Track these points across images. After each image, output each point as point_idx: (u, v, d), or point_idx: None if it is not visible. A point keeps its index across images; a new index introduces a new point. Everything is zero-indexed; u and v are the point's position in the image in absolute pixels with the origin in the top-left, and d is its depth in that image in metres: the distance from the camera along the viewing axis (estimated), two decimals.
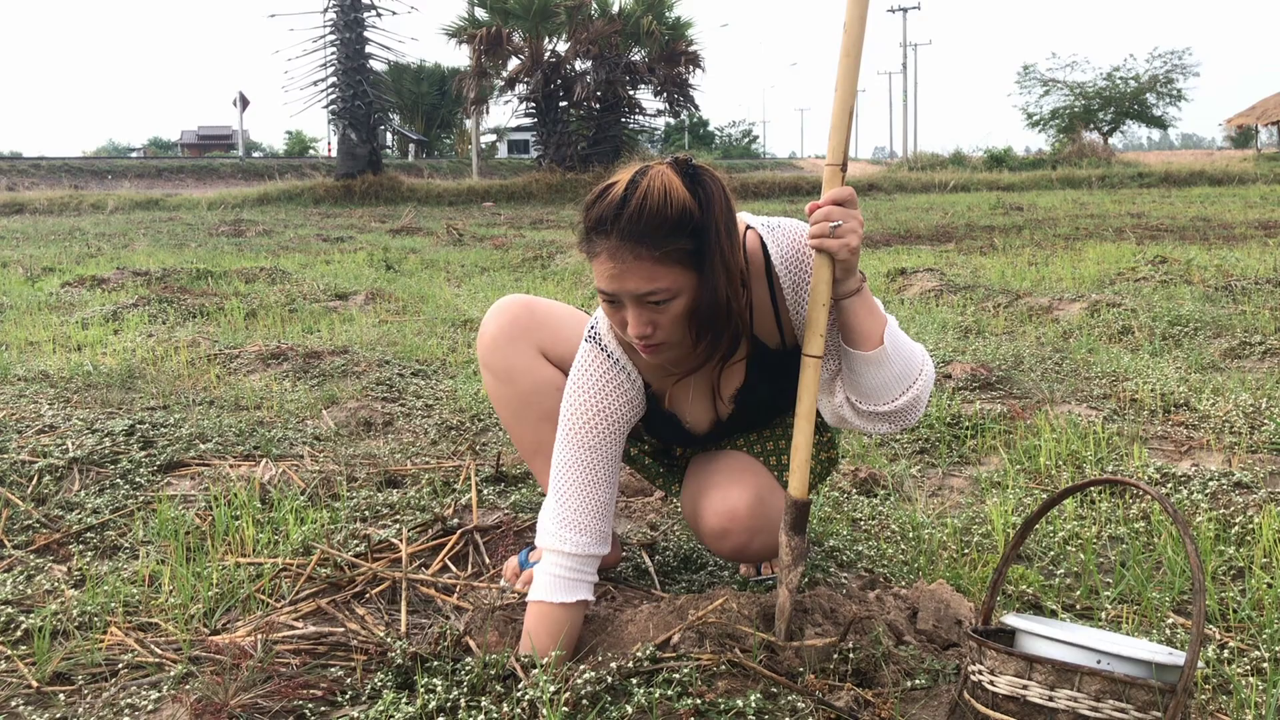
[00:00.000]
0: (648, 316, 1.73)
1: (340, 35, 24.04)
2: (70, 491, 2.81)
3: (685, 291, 1.72)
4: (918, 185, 25.58)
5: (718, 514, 1.93)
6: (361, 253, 10.45)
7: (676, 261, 1.68)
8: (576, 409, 1.89)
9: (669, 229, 1.66)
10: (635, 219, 1.65)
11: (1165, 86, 42.18)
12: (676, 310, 1.73)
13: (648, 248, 1.66)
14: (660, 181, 1.66)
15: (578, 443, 1.88)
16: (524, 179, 25.06)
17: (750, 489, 1.94)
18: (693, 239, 1.68)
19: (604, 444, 1.89)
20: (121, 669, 1.86)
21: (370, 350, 4.90)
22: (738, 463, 2.00)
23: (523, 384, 2.12)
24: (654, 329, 1.74)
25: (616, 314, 1.76)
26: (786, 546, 1.79)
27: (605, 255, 1.69)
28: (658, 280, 1.69)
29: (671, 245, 1.67)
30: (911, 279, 7.13)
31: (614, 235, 1.67)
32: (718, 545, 1.97)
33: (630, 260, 1.67)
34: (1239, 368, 4.30)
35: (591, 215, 1.71)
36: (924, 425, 3.47)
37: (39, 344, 5.26)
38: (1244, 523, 2.43)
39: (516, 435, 2.17)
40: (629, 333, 1.75)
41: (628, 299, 1.71)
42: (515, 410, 2.15)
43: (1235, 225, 11.59)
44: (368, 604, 2.13)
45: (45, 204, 20.49)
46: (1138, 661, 1.48)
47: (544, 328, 2.12)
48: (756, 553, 1.98)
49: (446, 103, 49.65)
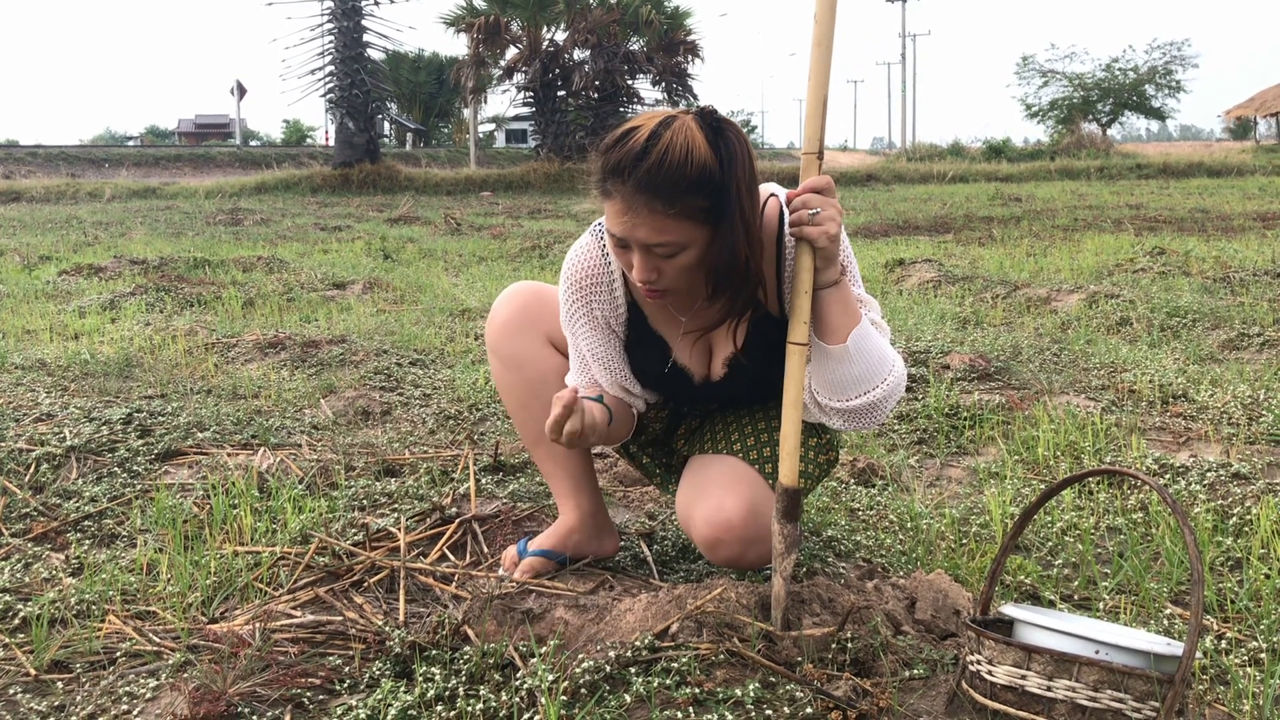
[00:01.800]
0: (654, 264, 1.77)
1: (338, 24, 23.96)
2: (68, 480, 2.80)
3: (695, 245, 1.74)
4: (916, 176, 25.54)
5: (711, 524, 1.93)
6: (359, 242, 10.43)
7: (689, 217, 1.71)
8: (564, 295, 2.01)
9: (686, 186, 1.67)
10: (653, 172, 1.66)
11: (1164, 78, 42.08)
12: (683, 262, 1.76)
13: (662, 202, 1.68)
14: (683, 137, 1.67)
15: (579, 312, 2.00)
16: (522, 168, 25.00)
17: (745, 500, 1.93)
18: (709, 197, 1.69)
19: (596, 311, 2.00)
20: (120, 657, 1.86)
21: (368, 339, 4.89)
22: (733, 471, 1.99)
23: (530, 371, 2.12)
24: (658, 275, 1.77)
25: (624, 255, 1.79)
26: (779, 534, 1.80)
27: (619, 200, 1.71)
28: (667, 234, 1.71)
29: (687, 202, 1.68)
30: (910, 270, 7.13)
31: (629, 184, 1.68)
32: (711, 555, 1.98)
33: (643, 212, 1.69)
34: (1237, 359, 4.30)
35: (610, 159, 1.71)
36: (922, 416, 3.47)
37: (36, 332, 5.25)
38: (1242, 514, 2.43)
39: (520, 422, 2.17)
40: (634, 276, 1.79)
41: (636, 245, 1.74)
42: (521, 398, 2.14)
43: (1234, 217, 11.58)
44: (366, 593, 2.13)
45: (42, 192, 20.44)
46: (1136, 652, 1.48)
47: (553, 316, 2.11)
48: (751, 563, 1.98)
49: (444, 92, 49.52)
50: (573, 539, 2.19)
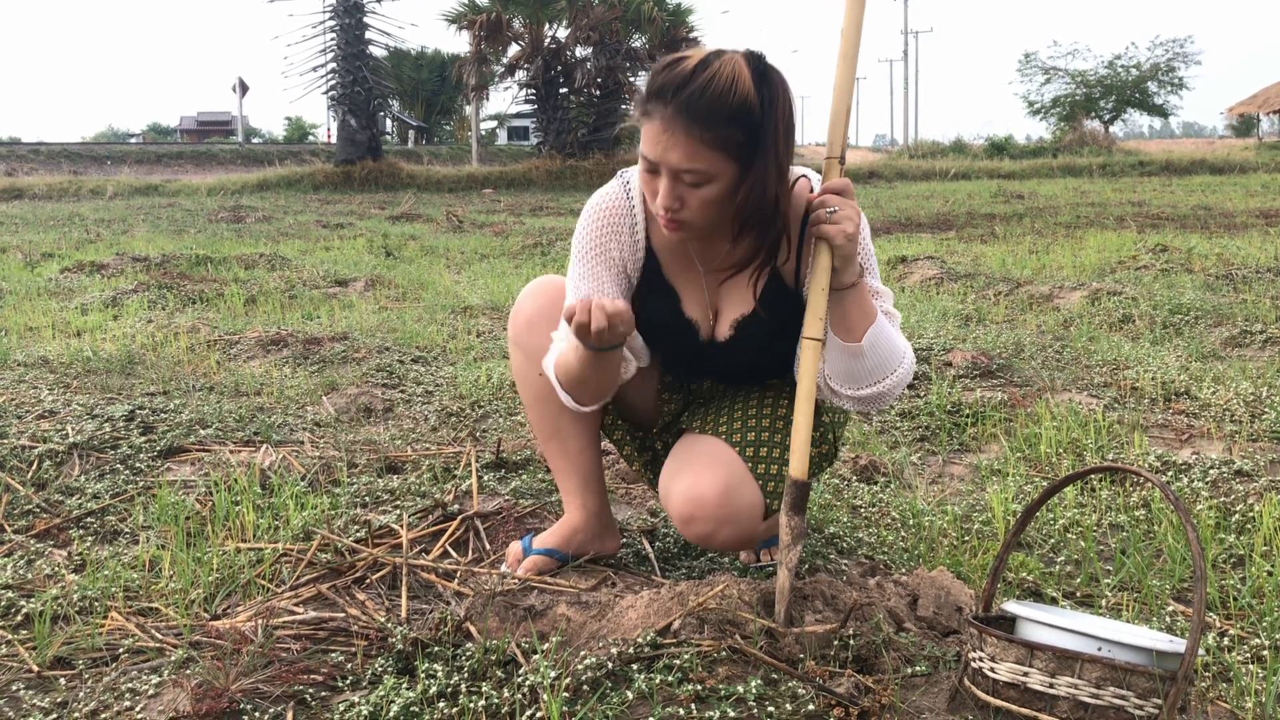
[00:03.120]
0: (679, 192, 1.80)
1: (340, 21, 23.94)
2: (70, 476, 2.81)
3: (722, 179, 1.78)
4: (918, 173, 25.53)
5: (685, 499, 1.94)
6: (361, 239, 10.43)
7: (722, 149, 1.75)
8: (583, 229, 2.03)
9: (724, 116, 1.72)
10: (696, 97, 1.72)
11: (1166, 75, 42.04)
12: (708, 194, 1.80)
13: (699, 128, 1.73)
14: (730, 69, 1.73)
15: (594, 251, 2.01)
16: (524, 166, 24.99)
17: (720, 479, 1.94)
18: (745, 132, 1.74)
19: (614, 252, 2.01)
20: (122, 653, 1.86)
21: (370, 337, 4.90)
22: (712, 450, 2.00)
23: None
24: (681, 205, 1.81)
25: (651, 182, 1.82)
26: (786, 526, 1.81)
27: (658, 121, 1.76)
28: (698, 161, 1.75)
29: (723, 132, 1.73)
30: (912, 267, 7.12)
31: (671, 106, 1.74)
32: (685, 530, 1.98)
33: (679, 134, 1.74)
34: (1240, 356, 4.30)
35: (656, 81, 1.78)
36: (924, 413, 3.47)
37: (38, 329, 5.25)
38: (1244, 511, 2.43)
39: (536, 417, 2.16)
40: (657, 203, 1.81)
41: (665, 171, 1.78)
42: (540, 392, 2.12)
43: (1236, 214, 11.57)
44: (368, 589, 2.13)
45: (44, 189, 20.44)
46: (1138, 649, 1.48)
47: None
48: (724, 542, 1.97)
49: (446, 89, 49.50)
50: (577, 538, 2.19)
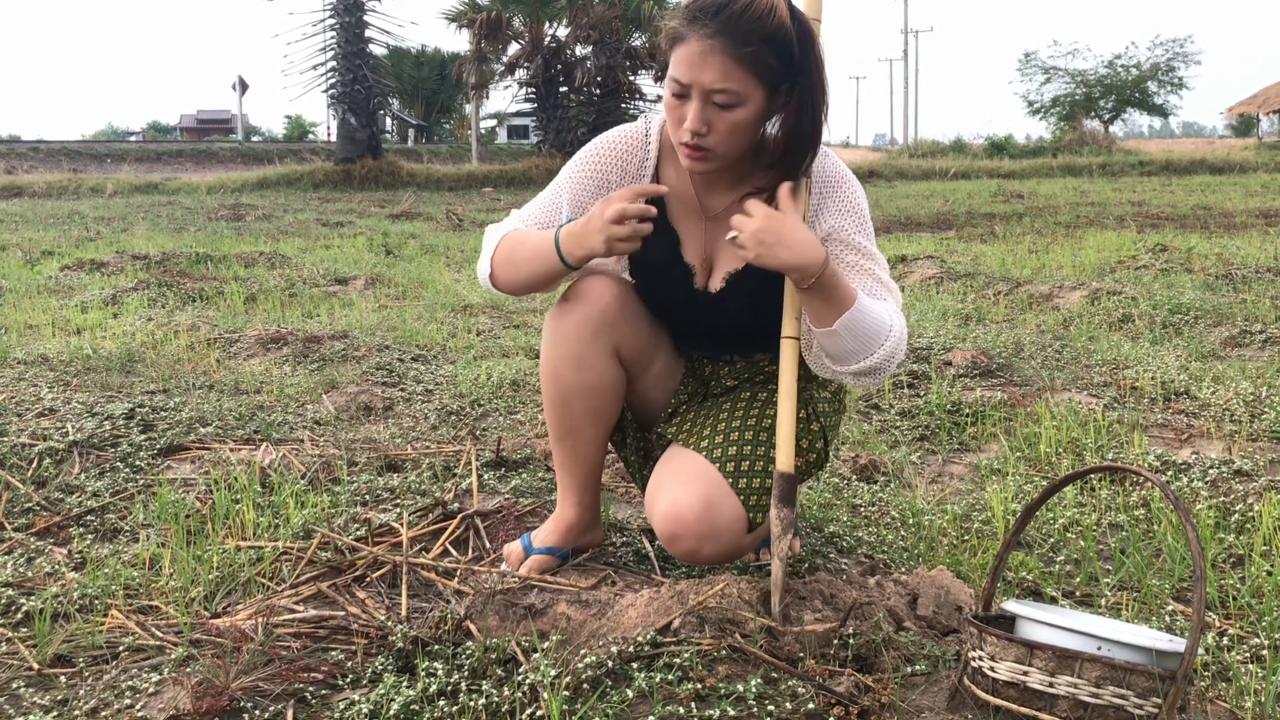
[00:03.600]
0: (708, 116, 1.83)
1: (340, 19, 23.92)
2: (70, 475, 2.81)
3: (751, 103, 1.83)
4: (918, 172, 25.52)
5: (666, 517, 1.94)
6: (361, 237, 10.43)
7: (755, 70, 1.80)
8: (589, 151, 2.08)
9: (762, 37, 1.78)
10: (737, 16, 1.77)
11: (1166, 74, 42.04)
12: (736, 118, 1.83)
13: (736, 45, 1.77)
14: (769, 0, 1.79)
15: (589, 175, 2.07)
16: (524, 164, 24.99)
17: (700, 497, 1.93)
18: (779, 58, 1.80)
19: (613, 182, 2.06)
20: (122, 651, 1.86)
21: (370, 335, 4.90)
22: (692, 466, 1.99)
23: (587, 376, 2.06)
24: (709, 130, 1.84)
25: (679, 108, 1.86)
26: (776, 517, 1.85)
27: (694, 41, 1.79)
28: (732, 79, 1.79)
29: (759, 51, 1.78)
30: (912, 266, 7.12)
31: (710, 24, 1.78)
32: (670, 548, 1.98)
33: (716, 52, 1.78)
34: (1239, 356, 4.30)
35: (696, 4, 1.81)
36: (924, 412, 3.47)
37: (38, 327, 5.25)
38: (1244, 510, 2.43)
39: (554, 416, 2.12)
40: (685, 127, 1.84)
41: (697, 92, 1.82)
42: (565, 395, 2.08)
43: (1236, 214, 11.57)
44: (368, 588, 2.13)
45: (44, 187, 20.43)
46: (1138, 648, 1.49)
47: (628, 322, 2.07)
48: (709, 558, 1.97)
49: (446, 88, 49.45)
50: (572, 533, 2.21)
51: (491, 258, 2.09)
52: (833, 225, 1.97)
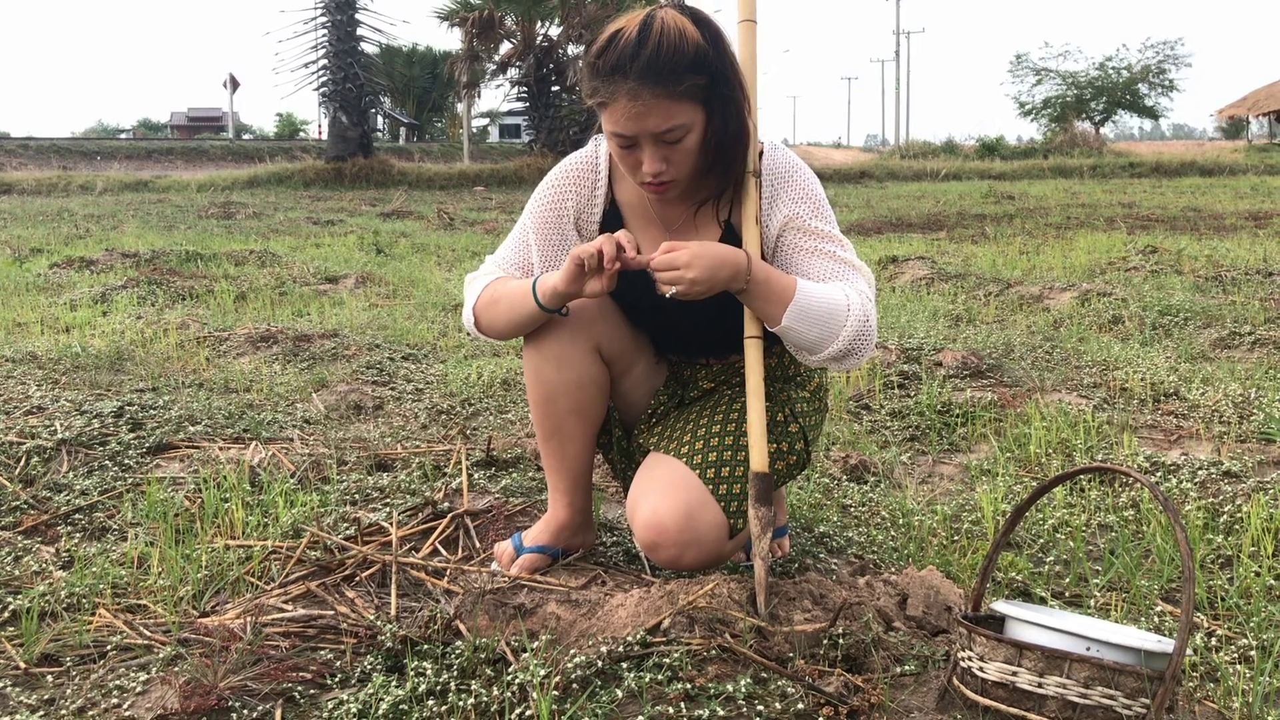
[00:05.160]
0: (663, 154, 1.85)
1: (332, 17, 23.87)
2: (58, 473, 2.79)
3: (697, 126, 1.85)
4: (910, 173, 25.57)
5: (648, 527, 1.94)
6: (352, 236, 10.41)
7: (691, 97, 1.81)
8: (544, 185, 2.12)
9: (686, 65, 1.78)
10: (654, 58, 1.77)
11: (1157, 77, 42.19)
12: (689, 146, 1.86)
13: (666, 85, 1.78)
14: (673, 22, 1.79)
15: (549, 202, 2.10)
16: (515, 163, 24.96)
17: (680, 503, 1.93)
18: (706, 74, 1.81)
19: (568, 203, 2.09)
20: (110, 650, 1.86)
21: (360, 334, 4.89)
22: (672, 474, 1.99)
23: (568, 375, 2.07)
24: (667, 165, 1.86)
25: (630, 157, 1.87)
26: (755, 517, 1.87)
27: (625, 97, 1.79)
28: (675, 117, 1.81)
29: (688, 81, 1.79)
30: (903, 267, 7.13)
31: (633, 76, 1.78)
32: (652, 556, 1.98)
33: (650, 99, 1.78)
34: (1228, 358, 4.32)
35: (607, 60, 1.80)
36: (914, 413, 3.47)
37: (27, 325, 5.23)
38: (1232, 511, 2.44)
39: (540, 416, 2.13)
40: (644, 172, 1.87)
41: (646, 139, 1.83)
42: (549, 395, 2.09)
43: (1226, 216, 11.61)
44: (357, 587, 2.12)
45: (33, 184, 20.34)
46: (1126, 649, 1.49)
47: (606, 321, 2.09)
48: (691, 565, 1.96)
49: (438, 86, 49.38)
50: (564, 533, 2.20)
51: (474, 306, 2.11)
52: (788, 214, 1.99)
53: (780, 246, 2.00)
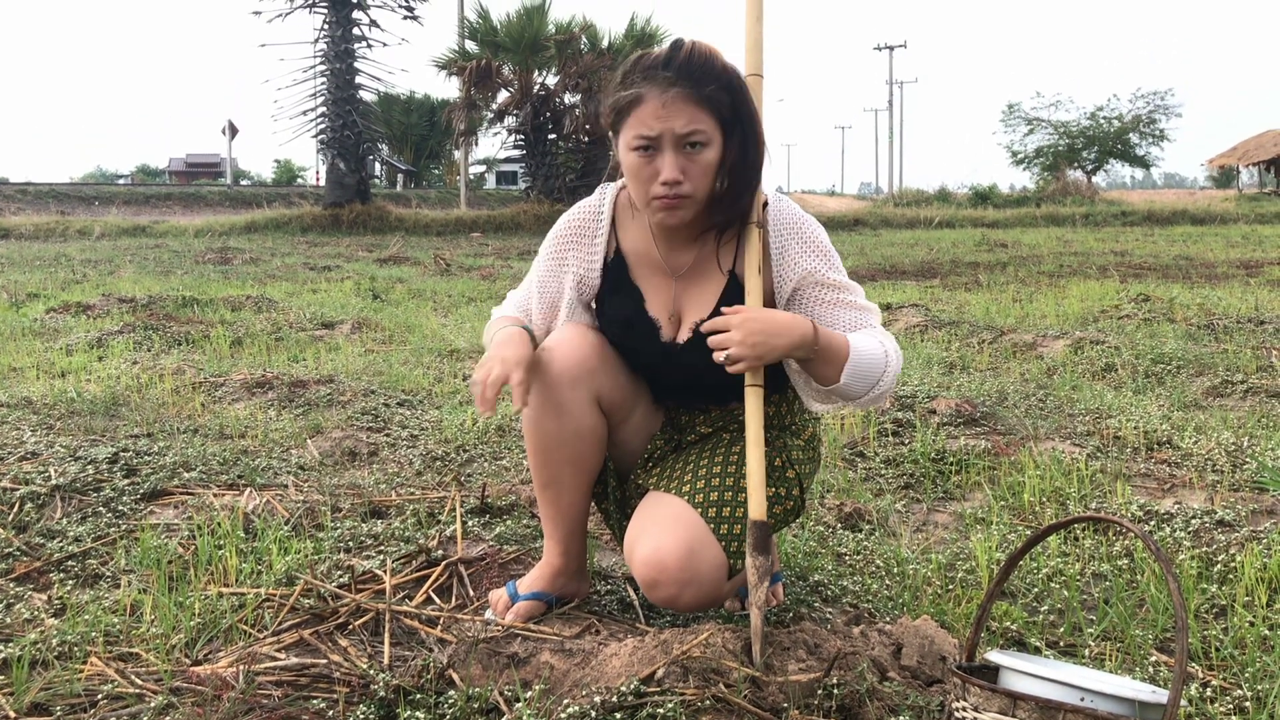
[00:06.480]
0: (682, 162, 1.91)
1: (330, 65, 24.08)
2: (52, 519, 2.79)
3: (714, 144, 1.92)
4: (903, 221, 25.73)
5: (647, 564, 1.93)
6: (348, 282, 10.45)
7: (714, 110, 1.90)
8: (550, 234, 2.19)
9: (715, 75, 1.89)
10: (689, 61, 1.89)
11: (1148, 126, 42.65)
12: (707, 159, 1.92)
13: (696, 87, 1.88)
14: (703, 44, 1.92)
15: (553, 254, 2.17)
16: (512, 210, 25.08)
17: (682, 542, 1.93)
18: (730, 94, 1.91)
19: (570, 259, 2.15)
20: (101, 700, 1.84)
21: (356, 380, 4.89)
22: (673, 512, 1.99)
23: (568, 425, 2.06)
24: (684, 175, 1.91)
25: (648, 166, 1.93)
26: (752, 566, 1.87)
27: (654, 96, 1.89)
28: (699, 120, 1.89)
29: (716, 89, 1.89)
30: (897, 314, 7.17)
31: (667, 73, 1.89)
32: (650, 595, 1.97)
33: (679, 100, 1.88)
34: (1221, 406, 4.33)
35: (641, 64, 1.92)
36: (909, 460, 3.48)
37: (22, 370, 5.23)
38: (1226, 561, 2.44)
39: (536, 464, 2.13)
40: (662, 179, 1.91)
41: (668, 141, 1.90)
42: (546, 444, 2.08)
43: (1217, 264, 11.70)
44: (351, 635, 2.12)
45: (31, 229, 20.39)
46: (1121, 699, 1.49)
47: (607, 372, 2.10)
48: (689, 605, 1.96)
49: (436, 133, 49.76)
50: (559, 581, 2.20)
51: (486, 337, 2.18)
52: (804, 269, 2.03)
53: (799, 300, 2.05)
